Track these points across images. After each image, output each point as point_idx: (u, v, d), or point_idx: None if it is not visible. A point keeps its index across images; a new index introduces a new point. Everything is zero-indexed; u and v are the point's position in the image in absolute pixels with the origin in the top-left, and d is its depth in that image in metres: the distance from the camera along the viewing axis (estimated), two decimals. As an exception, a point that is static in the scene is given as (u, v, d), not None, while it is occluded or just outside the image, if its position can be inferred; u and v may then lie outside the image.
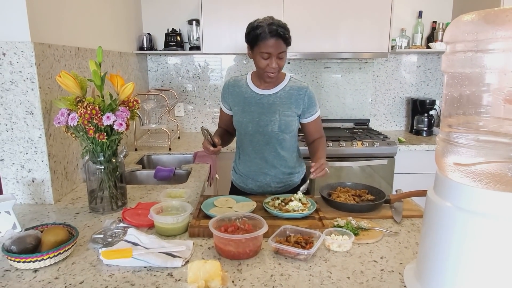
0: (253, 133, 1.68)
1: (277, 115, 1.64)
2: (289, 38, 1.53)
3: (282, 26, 1.51)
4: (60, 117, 1.34)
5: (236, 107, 1.72)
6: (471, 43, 0.74)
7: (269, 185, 1.75)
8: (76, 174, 1.81)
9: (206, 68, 3.27)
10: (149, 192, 1.76)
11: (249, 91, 1.69)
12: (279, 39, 1.49)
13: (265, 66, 1.54)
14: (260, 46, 1.51)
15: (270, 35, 1.48)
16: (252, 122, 1.66)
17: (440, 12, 3.21)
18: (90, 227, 1.36)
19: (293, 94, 1.66)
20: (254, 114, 1.66)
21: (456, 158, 0.81)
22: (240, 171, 1.81)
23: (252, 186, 1.77)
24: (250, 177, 1.77)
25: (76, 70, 1.79)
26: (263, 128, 1.66)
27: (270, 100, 1.66)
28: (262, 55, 1.52)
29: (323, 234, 1.17)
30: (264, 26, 1.49)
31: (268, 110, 1.65)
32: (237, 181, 1.84)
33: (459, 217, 0.81)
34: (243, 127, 1.70)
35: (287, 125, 1.66)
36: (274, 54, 1.51)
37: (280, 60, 1.55)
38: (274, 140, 1.68)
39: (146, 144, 2.78)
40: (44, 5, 1.55)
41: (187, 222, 1.31)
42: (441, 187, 0.87)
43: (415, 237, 1.26)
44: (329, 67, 3.31)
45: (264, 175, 1.74)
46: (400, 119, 3.45)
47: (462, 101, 0.80)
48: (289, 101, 1.66)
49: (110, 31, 2.38)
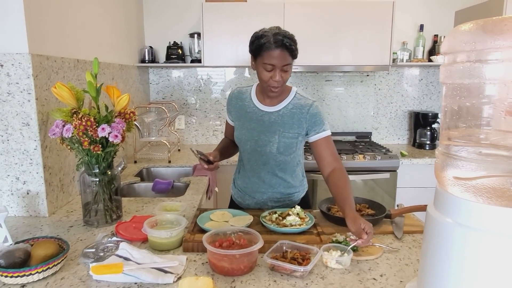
0: (251, 152, 1.61)
1: (277, 136, 1.54)
2: (295, 50, 1.42)
3: (288, 37, 1.41)
4: (55, 128, 1.33)
5: (237, 122, 1.65)
6: (469, 53, 0.72)
7: (266, 204, 1.66)
8: (72, 186, 1.78)
9: (208, 81, 3.27)
10: (145, 205, 1.74)
11: (251, 106, 1.60)
12: (284, 50, 1.39)
13: (268, 78, 1.44)
14: (264, 56, 1.41)
15: (275, 46, 1.38)
16: (250, 140, 1.59)
17: (442, 25, 3.20)
18: (82, 240, 1.33)
19: (296, 113, 1.54)
20: (254, 132, 1.58)
21: (456, 172, 0.78)
22: (239, 185, 1.75)
23: (249, 202, 1.70)
24: (247, 194, 1.70)
25: (74, 82, 1.79)
26: (261, 148, 1.57)
27: (272, 118, 1.56)
28: (266, 66, 1.42)
29: (320, 250, 1.13)
30: (269, 35, 1.39)
31: (268, 129, 1.56)
32: (235, 195, 1.78)
33: (460, 233, 0.78)
34: (241, 144, 1.63)
35: (287, 147, 1.55)
36: (278, 66, 1.41)
37: (284, 73, 1.44)
38: (272, 162, 1.59)
39: (146, 156, 2.76)
40: (44, 17, 1.55)
41: (181, 237, 1.28)
42: (441, 202, 0.84)
43: (417, 253, 1.22)
44: (331, 80, 3.30)
45: (261, 194, 1.66)
46: (402, 133, 3.42)
47: (462, 113, 0.77)
48: (291, 120, 1.54)
49: (111, 43, 2.40)
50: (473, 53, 0.72)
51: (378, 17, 2.80)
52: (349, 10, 2.80)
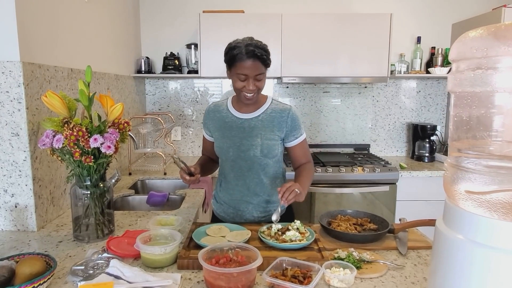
0: (234, 159, 1.59)
1: (259, 139, 1.56)
2: (267, 60, 1.47)
3: (260, 47, 1.45)
4: (45, 138, 1.28)
5: (217, 133, 1.64)
6: (480, 60, 0.68)
7: (252, 214, 1.63)
8: (63, 199, 1.72)
9: (205, 92, 3.24)
10: (139, 218, 1.67)
11: (229, 116, 1.62)
12: (256, 60, 1.43)
13: (242, 87, 1.48)
14: (237, 67, 1.45)
15: (247, 56, 1.42)
16: (233, 147, 1.58)
17: (439, 37, 3.21)
18: (71, 257, 1.26)
19: (276, 116, 1.58)
20: (235, 139, 1.58)
21: (468, 186, 0.73)
22: (221, 199, 1.70)
23: (234, 215, 1.66)
24: (231, 206, 1.66)
25: (68, 92, 1.75)
26: (244, 153, 1.57)
27: (252, 124, 1.58)
28: (239, 76, 1.46)
29: (322, 268, 1.08)
30: (241, 46, 1.44)
31: (249, 134, 1.57)
32: (218, 210, 1.73)
33: (473, 251, 0.73)
34: (223, 152, 1.61)
35: (270, 149, 1.56)
36: (251, 76, 1.45)
37: (258, 82, 1.48)
38: (257, 166, 1.59)
39: (141, 168, 2.70)
40: (37, 24, 1.52)
41: (176, 253, 1.22)
42: (451, 217, 0.79)
43: (423, 271, 1.16)
44: (328, 92, 3.28)
45: (246, 204, 1.63)
46: (401, 145, 3.39)
47: (472, 123, 0.74)
48: (271, 124, 1.57)
49: (107, 53, 2.36)
50: (485, 59, 0.68)
51: (376, 29, 2.80)
52: (347, 21, 2.79)
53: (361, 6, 3.16)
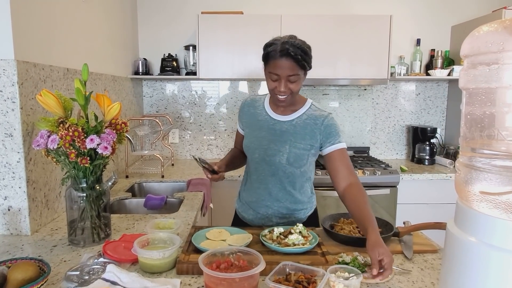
0: (259, 161, 1.53)
1: (287, 146, 1.47)
2: (302, 61, 1.34)
3: (297, 46, 1.34)
4: (40, 139, 1.23)
5: (247, 129, 1.59)
6: (496, 54, 0.65)
7: (270, 220, 1.58)
8: (58, 202, 1.67)
9: (203, 95, 3.21)
10: (136, 222, 1.63)
11: (263, 114, 1.55)
12: (289, 59, 1.33)
13: (273, 87, 1.40)
14: (270, 65, 1.38)
15: (280, 55, 1.33)
16: (259, 149, 1.52)
17: (438, 40, 3.20)
18: (66, 262, 1.22)
19: (309, 123, 1.48)
20: (263, 141, 1.51)
21: (483, 186, 0.70)
22: (244, 198, 1.66)
23: (253, 217, 1.61)
24: (251, 207, 1.62)
25: (64, 92, 1.70)
26: (270, 157, 1.50)
27: (284, 128, 1.50)
28: (271, 75, 1.38)
29: (327, 272, 1.04)
30: (277, 44, 1.35)
31: (278, 139, 1.49)
32: (239, 209, 1.70)
33: (489, 255, 0.70)
34: (250, 152, 1.56)
35: (297, 158, 1.47)
36: (283, 76, 1.36)
37: (291, 84, 1.38)
38: (281, 173, 1.51)
39: (138, 171, 2.66)
40: (32, 23, 1.48)
41: (175, 257, 1.17)
42: (465, 219, 0.76)
43: (430, 276, 1.13)
44: (328, 94, 3.26)
45: (266, 208, 1.57)
46: (401, 148, 3.36)
47: (487, 121, 0.70)
48: (304, 131, 1.48)
49: (104, 54, 2.32)
50: (501, 54, 0.65)
51: (376, 31, 2.78)
52: (347, 23, 2.77)
53: (361, 8, 3.14)
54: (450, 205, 2.71)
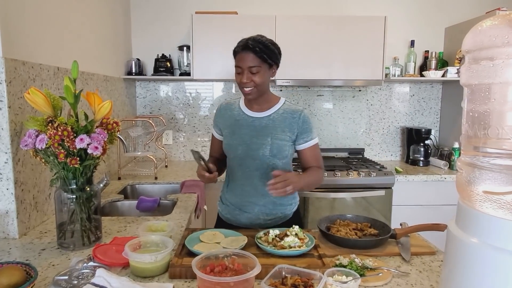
0: (243, 157, 1.57)
1: (269, 138, 1.54)
2: (261, 53, 1.44)
3: (258, 41, 1.46)
4: (28, 139, 1.19)
5: (227, 130, 1.62)
6: (501, 48, 0.63)
7: (258, 217, 1.60)
8: (48, 204, 1.63)
9: (197, 96, 3.17)
10: (128, 225, 1.59)
11: (241, 114, 1.62)
12: (248, 51, 1.44)
13: (239, 81, 1.49)
14: (235, 60, 1.50)
15: (242, 48, 1.46)
16: (242, 144, 1.56)
17: (432, 41, 3.20)
18: (54, 266, 1.18)
19: (287, 117, 1.56)
20: (245, 137, 1.56)
21: (486, 186, 0.68)
22: (228, 200, 1.67)
23: (240, 217, 1.62)
24: (237, 207, 1.63)
25: (54, 91, 1.66)
26: (254, 151, 1.54)
27: (263, 123, 1.57)
28: (236, 69, 1.50)
29: (324, 276, 1.01)
30: (243, 40, 1.48)
31: (260, 133, 1.55)
32: (223, 212, 1.70)
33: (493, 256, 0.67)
34: (232, 149, 1.59)
35: (280, 149, 1.54)
36: (244, 68, 1.46)
37: (253, 75, 1.46)
38: (265, 166, 1.56)
39: (131, 172, 2.61)
40: (22, 20, 1.44)
41: (167, 261, 1.14)
42: (467, 220, 0.73)
43: (429, 278, 1.11)
44: (322, 95, 3.24)
45: (253, 205, 1.59)
46: (395, 149, 3.35)
47: (491, 118, 0.68)
48: (283, 124, 1.56)
49: (96, 53, 2.28)
50: (506, 48, 0.63)
51: (370, 32, 2.77)
52: (341, 24, 2.76)
53: (355, 9, 3.14)
54: (445, 206, 2.71)
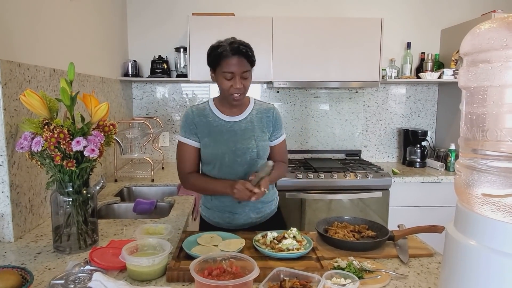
0: (230, 164, 1.53)
1: (253, 141, 1.54)
2: (252, 57, 1.46)
3: (244, 44, 1.45)
4: (23, 141, 1.18)
5: (206, 138, 1.54)
6: (499, 51, 0.63)
7: (249, 216, 1.60)
8: (43, 207, 1.61)
9: (193, 97, 3.17)
10: (125, 227, 1.58)
11: (216, 120, 1.55)
12: (241, 57, 1.42)
13: (229, 87, 1.45)
14: (223, 65, 1.43)
15: (232, 53, 1.41)
16: (228, 152, 1.52)
17: (428, 43, 3.22)
18: (50, 270, 1.17)
19: (263, 117, 1.59)
20: (229, 143, 1.52)
21: (485, 189, 0.68)
22: (215, 206, 1.62)
23: (230, 219, 1.60)
24: (227, 210, 1.60)
25: (50, 93, 1.65)
26: (241, 157, 1.52)
27: (242, 127, 1.55)
28: (225, 75, 1.43)
29: (323, 278, 1.01)
30: (225, 45, 1.43)
31: (242, 137, 1.53)
32: (211, 217, 1.65)
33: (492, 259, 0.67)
34: (218, 158, 1.52)
35: (264, 150, 1.57)
36: (237, 73, 1.43)
37: (244, 80, 1.46)
38: (253, 167, 1.55)
39: (127, 174, 2.60)
40: (17, 21, 1.43)
41: (165, 264, 1.13)
42: (465, 222, 0.73)
43: (427, 280, 1.11)
44: (319, 97, 3.25)
45: (243, 207, 1.58)
46: (392, 150, 3.36)
47: (489, 121, 0.68)
48: (260, 124, 1.58)
49: (92, 55, 2.27)
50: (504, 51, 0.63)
51: (367, 34, 2.78)
52: (338, 26, 2.77)
53: (352, 11, 3.15)
54: (442, 207, 2.72)
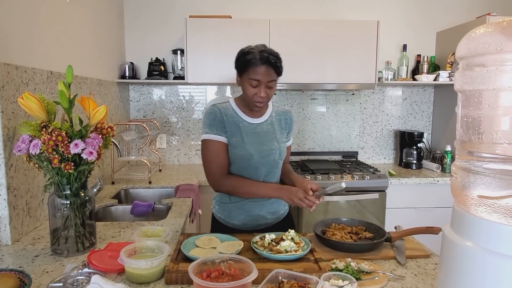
0: (256, 165, 1.56)
1: (276, 143, 1.60)
2: (280, 67, 1.48)
3: (274, 54, 1.47)
4: (21, 144, 1.18)
5: (234, 138, 1.54)
6: (494, 55, 0.64)
7: (266, 217, 1.62)
8: (41, 210, 1.61)
9: (190, 99, 3.17)
10: (123, 230, 1.58)
11: (240, 120, 1.57)
12: (269, 66, 1.44)
13: (253, 94, 1.47)
14: (250, 72, 1.45)
15: (261, 62, 1.43)
16: (255, 153, 1.54)
17: (424, 46, 3.24)
18: (48, 273, 1.16)
19: (281, 119, 1.65)
20: (255, 145, 1.56)
21: (481, 190, 0.69)
22: (233, 207, 1.62)
23: (245, 220, 1.61)
24: (245, 210, 1.60)
25: (47, 96, 1.65)
26: (265, 158, 1.56)
27: (264, 129, 1.60)
28: (251, 82, 1.46)
29: (321, 280, 1.01)
30: (255, 52, 1.44)
31: (265, 139, 1.58)
32: (226, 218, 1.64)
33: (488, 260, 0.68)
34: (245, 160, 1.54)
35: (284, 151, 1.64)
36: (263, 82, 1.45)
37: (269, 89, 1.48)
38: (275, 169, 1.62)
39: (125, 177, 2.59)
40: (14, 24, 1.43)
41: (163, 266, 1.13)
42: (462, 224, 0.74)
43: (424, 281, 1.11)
44: (316, 99, 3.26)
45: (261, 207, 1.60)
46: (388, 152, 3.38)
47: (485, 123, 0.69)
48: (280, 126, 1.64)
49: (90, 57, 2.27)
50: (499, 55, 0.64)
51: (363, 36, 2.80)
52: (335, 28, 2.78)
53: (349, 14, 3.17)
54: (438, 208, 2.73)
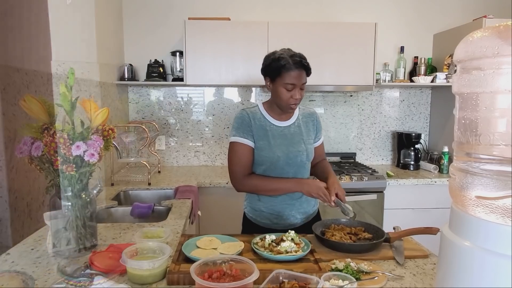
0: (283, 166, 1.60)
1: (303, 145, 1.63)
2: (310, 69, 1.55)
3: (303, 57, 1.54)
4: (23, 146, 1.19)
5: (262, 141, 1.60)
6: (491, 59, 0.66)
7: (295, 217, 1.66)
8: (42, 211, 1.61)
9: (189, 101, 3.18)
10: (123, 231, 1.59)
11: (268, 124, 1.62)
12: (302, 70, 1.51)
13: (289, 97, 1.53)
14: (284, 77, 1.50)
15: (295, 66, 1.49)
16: (282, 156, 1.59)
17: (421, 47, 3.27)
18: (51, 274, 1.17)
19: (308, 121, 1.70)
20: (282, 147, 1.60)
21: (479, 191, 0.70)
22: (264, 207, 1.66)
23: (277, 220, 1.65)
24: (276, 211, 1.65)
25: (48, 98, 1.65)
26: (292, 160, 1.61)
27: (291, 131, 1.64)
28: (287, 86, 1.51)
29: (321, 280, 1.02)
30: (286, 57, 1.50)
31: (292, 141, 1.62)
32: (258, 218, 1.68)
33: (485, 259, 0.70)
34: (273, 162, 1.59)
35: (311, 152, 1.67)
36: (298, 85, 1.52)
37: (302, 91, 1.55)
38: (302, 170, 1.66)
39: (124, 178, 2.60)
40: (14, 27, 1.43)
41: (165, 267, 1.14)
42: (460, 224, 0.76)
43: (423, 281, 1.13)
44: (314, 100, 3.28)
45: (291, 207, 1.65)
46: (386, 153, 3.40)
47: (482, 125, 0.71)
48: (307, 128, 1.68)
49: (89, 59, 2.27)
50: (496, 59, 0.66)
51: (361, 38, 2.82)
52: (333, 30, 2.80)
53: (347, 16, 3.19)
54: (436, 209, 2.75)
